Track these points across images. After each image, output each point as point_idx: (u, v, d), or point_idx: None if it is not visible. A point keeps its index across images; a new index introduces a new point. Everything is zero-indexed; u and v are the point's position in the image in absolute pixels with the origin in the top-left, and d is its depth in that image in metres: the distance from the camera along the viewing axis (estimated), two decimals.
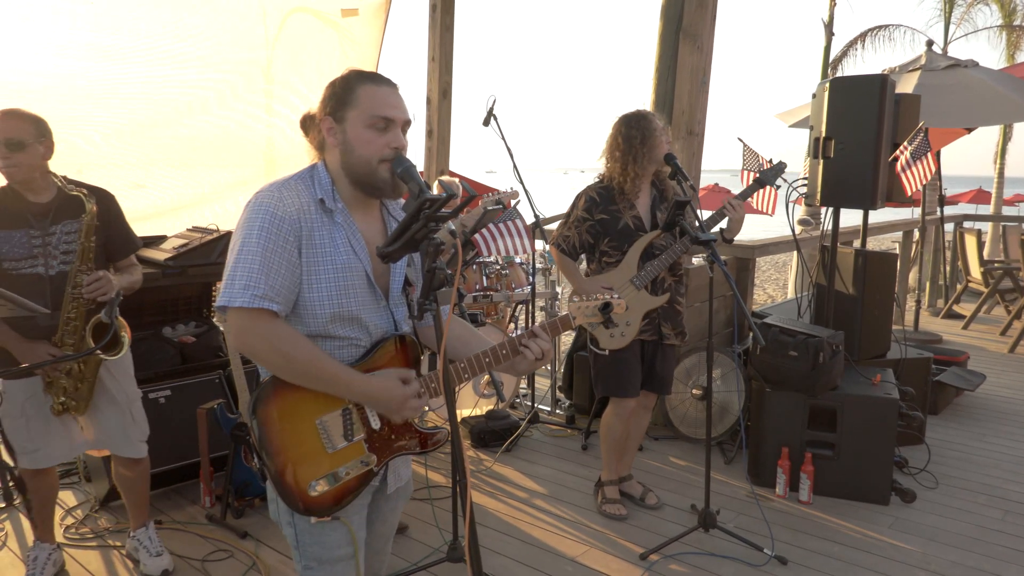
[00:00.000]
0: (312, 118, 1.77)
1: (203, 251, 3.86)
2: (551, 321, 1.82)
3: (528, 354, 1.75)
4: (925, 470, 4.03)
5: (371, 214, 1.78)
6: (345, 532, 1.73)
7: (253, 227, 1.60)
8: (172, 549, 3.08)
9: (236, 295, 1.57)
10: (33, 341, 2.63)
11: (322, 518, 1.68)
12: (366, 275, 1.71)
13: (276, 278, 1.59)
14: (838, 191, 4.03)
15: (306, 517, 1.68)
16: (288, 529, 1.73)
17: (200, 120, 4.65)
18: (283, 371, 1.63)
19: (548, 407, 5.04)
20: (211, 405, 3.45)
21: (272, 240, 1.59)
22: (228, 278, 1.59)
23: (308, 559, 1.73)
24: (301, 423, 1.64)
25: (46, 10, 3.89)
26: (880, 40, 17.40)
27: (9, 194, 2.66)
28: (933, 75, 6.76)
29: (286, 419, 1.64)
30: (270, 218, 1.59)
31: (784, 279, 15.11)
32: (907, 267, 8.12)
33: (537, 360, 1.75)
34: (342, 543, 1.73)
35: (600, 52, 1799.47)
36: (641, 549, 3.20)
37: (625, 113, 3.33)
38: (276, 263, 1.59)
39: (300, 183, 1.68)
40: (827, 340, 3.70)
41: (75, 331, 2.67)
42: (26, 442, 2.73)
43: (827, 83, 4.04)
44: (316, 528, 1.70)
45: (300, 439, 1.64)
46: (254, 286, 1.57)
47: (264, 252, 1.58)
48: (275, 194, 1.63)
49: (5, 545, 3.18)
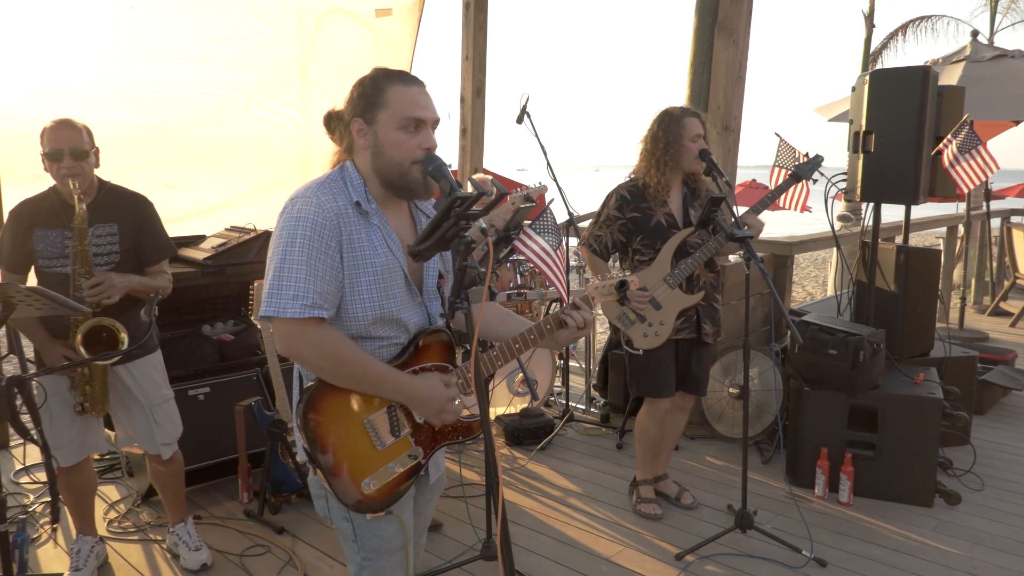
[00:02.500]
0: (338, 116, 1.76)
1: (241, 250, 3.93)
2: (573, 300, 1.86)
3: (571, 322, 1.80)
4: (971, 471, 3.92)
5: (401, 212, 1.80)
6: (398, 523, 1.77)
7: (295, 235, 1.60)
8: (211, 544, 3.13)
9: (286, 305, 1.58)
10: (54, 340, 2.71)
11: (377, 513, 1.72)
12: (403, 274, 1.73)
13: (323, 284, 1.61)
14: (879, 186, 3.94)
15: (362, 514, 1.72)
16: (344, 524, 1.76)
17: (236, 121, 4.73)
18: (331, 375, 1.66)
19: (583, 406, 5.02)
20: (249, 402, 3.50)
21: (315, 247, 1.60)
22: (273, 287, 1.59)
23: (367, 551, 1.77)
24: (350, 424, 1.68)
25: (89, 15, 3.99)
26: (922, 31, 17.00)
27: (51, 196, 2.74)
28: (978, 66, 6.57)
29: (335, 421, 1.67)
30: (311, 225, 1.60)
31: (824, 276, 14.83)
32: (951, 263, 7.91)
33: (580, 329, 1.81)
34: (397, 533, 1.78)
35: (634, 48, 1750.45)
36: (677, 549, 3.16)
37: (665, 109, 3.27)
38: (321, 270, 1.61)
39: (333, 185, 1.68)
40: (868, 338, 3.62)
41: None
42: (49, 439, 2.73)
43: (867, 76, 3.95)
44: (373, 521, 1.74)
45: (350, 439, 1.68)
46: (303, 296, 1.58)
47: (309, 260, 1.59)
48: (312, 200, 1.63)
49: (51, 538, 3.27)
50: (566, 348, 5.15)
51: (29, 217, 2.71)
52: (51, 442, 2.76)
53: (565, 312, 1.80)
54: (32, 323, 2.68)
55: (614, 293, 1.88)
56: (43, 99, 3.93)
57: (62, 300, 2.17)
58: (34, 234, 2.69)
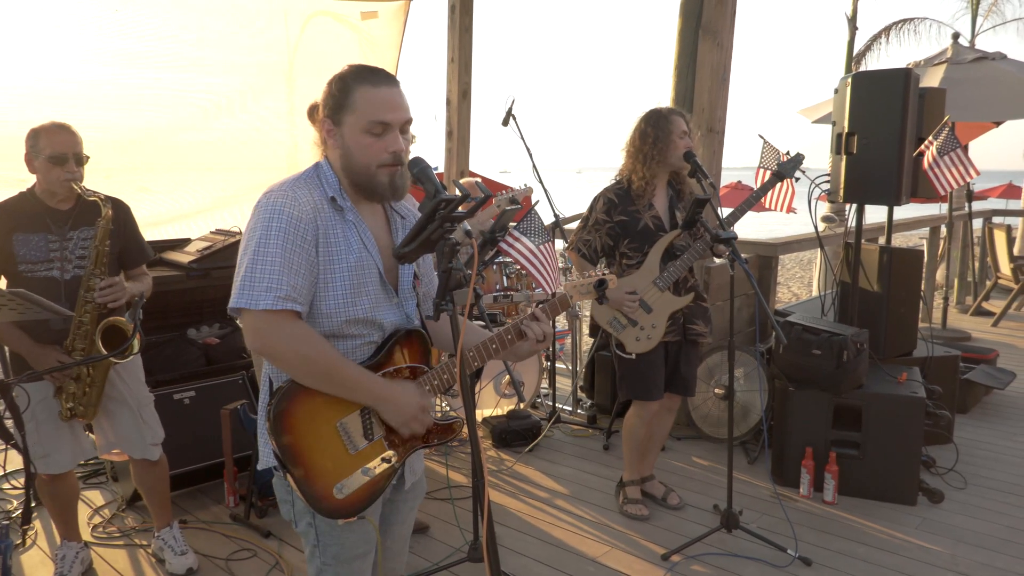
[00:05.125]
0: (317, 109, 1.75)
1: (226, 254, 3.91)
2: (551, 302, 1.85)
3: (530, 334, 1.77)
4: (953, 470, 3.96)
5: (375, 211, 1.79)
6: (365, 531, 1.74)
7: (271, 227, 1.58)
8: (197, 548, 3.12)
9: (259, 297, 1.55)
10: (44, 345, 2.67)
11: (349, 519, 1.67)
12: (379, 272, 1.72)
13: (297, 278, 1.58)
14: (862, 187, 3.98)
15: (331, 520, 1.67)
16: (307, 528, 1.72)
17: (223, 124, 4.70)
18: (301, 373, 1.61)
19: (569, 407, 5.03)
20: (235, 406, 3.49)
21: (291, 240, 1.58)
22: (246, 279, 1.57)
23: (327, 557, 1.73)
24: (321, 427, 1.63)
25: (76, 18, 3.96)
26: (905, 34, 17.15)
27: (30, 199, 2.71)
28: (960, 68, 6.64)
29: (306, 424, 1.62)
30: (287, 218, 1.58)
31: (809, 277, 14.94)
32: (934, 264, 7.99)
33: (538, 343, 1.78)
34: (360, 542, 1.74)
35: (617, 51, 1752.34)
36: (663, 550, 3.18)
37: (652, 108, 3.29)
38: (296, 263, 1.58)
39: (309, 182, 1.68)
40: (851, 338, 3.65)
41: (86, 335, 2.70)
42: (36, 446, 2.73)
43: (849, 78, 3.99)
44: (337, 528, 1.70)
45: (322, 443, 1.63)
46: (276, 288, 1.55)
47: (284, 252, 1.57)
48: (289, 193, 1.62)
49: (35, 544, 3.24)
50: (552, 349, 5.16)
51: (8, 221, 2.66)
52: (39, 450, 2.74)
53: (524, 323, 1.76)
54: (14, 332, 2.65)
55: (592, 292, 1.84)
56: (27, 101, 3.90)
57: (46, 304, 2.15)
58: (14, 239, 2.65)
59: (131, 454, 2.94)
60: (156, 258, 3.97)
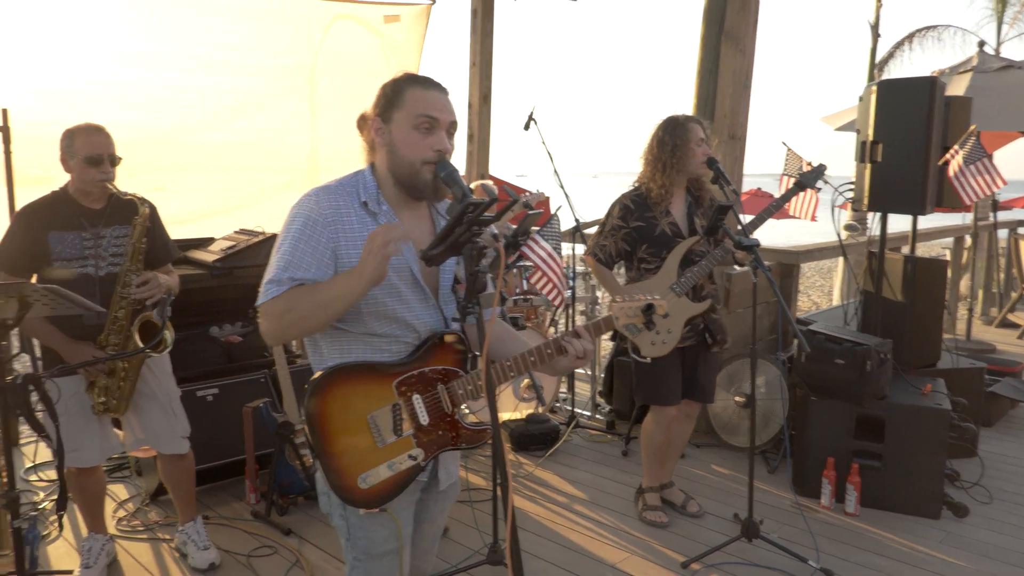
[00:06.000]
0: (365, 118, 1.82)
1: (249, 253, 3.95)
2: (595, 322, 1.85)
3: (570, 350, 1.77)
4: (978, 484, 3.91)
5: (419, 214, 1.82)
6: (393, 528, 1.77)
7: (290, 231, 1.69)
8: (218, 544, 3.15)
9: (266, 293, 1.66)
10: (77, 341, 2.72)
11: (371, 509, 1.72)
12: (412, 273, 1.75)
13: (302, 273, 1.65)
14: (886, 196, 3.95)
15: (356, 509, 1.73)
16: (340, 521, 1.78)
17: (246, 124, 4.77)
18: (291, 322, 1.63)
19: (588, 412, 5.03)
20: (257, 404, 3.52)
21: (304, 240, 1.66)
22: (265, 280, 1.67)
23: (357, 552, 1.78)
24: (352, 418, 1.69)
25: (104, 20, 4.03)
26: (929, 41, 16.98)
27: (63, 198, 2.76)
28: (985, 76, 6.58)
29: (338, 414, 1.69)
30: (304, 220, 1.68)
31: (829, 286, 14.81)
32: (959, 274, 7.90)
33: (578, 359, 1.78)
34: (389, 538, 1.78)
35: (635, 56, 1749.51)
36: (682, 557, 3.16)
37: (669, 116, 3.30)
38: (306, 262, 1.65)
39: (341, 188, 1.74)
40: (875, 348, 3.62)
41: (121, 330, 2.75)
42: (66, 440, 2.74)
43: (874, 86, 3.97)
44: (366, 522, 1.75)
45: (352, 433, 1.69)
46: (279, 281, 1.64)
47: (293, 251, 1.66)
48: (312, 199, 1.71)
49: (61, 535, 3.28)
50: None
51: (43, 219, 2.71)
52: (70, 443, 2.78)
53: (566, 339, 1.78)
54: (47, 328, 2.69)
55: (640, 316, 1.81)
56: (57, 102, 3.97)
57: (77, 300, 2.19)
58: (49, 237, 2.69)
59: (160, 449, 2.98)
60: (181, 257, 4.02)
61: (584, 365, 1.92)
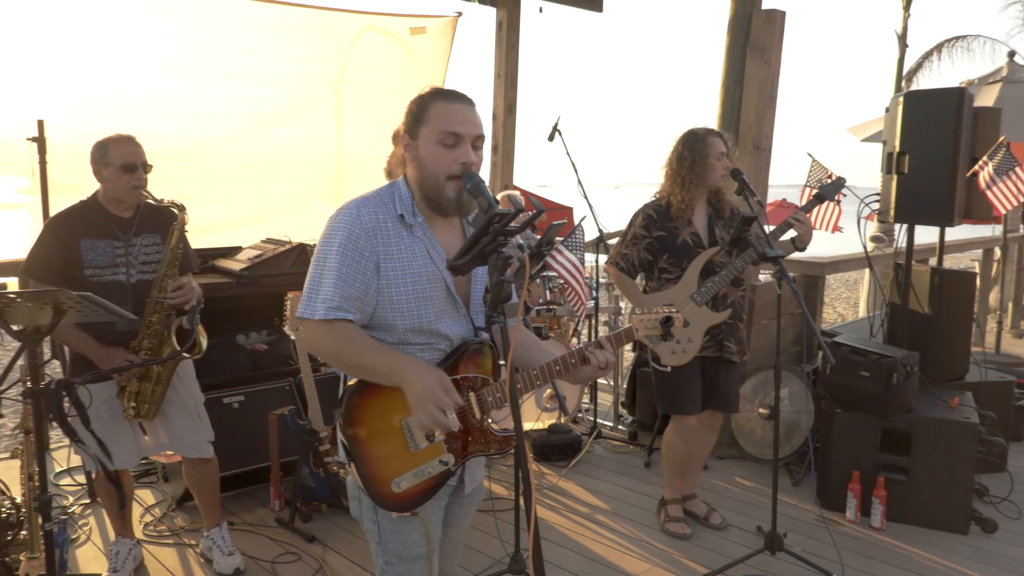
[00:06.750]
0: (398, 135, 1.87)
1: (275, 262, 4.00)
2: (616, 333, 1.87)
3: (593, 361, 1.80)
4: (1007, 499, 3.84)
5: (452, 226, 1.86)
6: (423, 531, 1.80)
7: (333, 243, 1.71)
8: (243, 550, 3.18)
9: (316, 308, 1.70)
10: (110, 347, 2.77)
11: (403, 513, 1.76)
12: (445, 284, 1.78)
13: (351, 289, 1.69)
14: (913, 207, 3.91)
15: (388, 513, 1.76)
16: (371, 525, 1.81)
17: (273, 135, 4.84)
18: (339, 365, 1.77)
19: (610, 423, 5.02)
20: (282, 411, 3.56)
21: (348, 254, 1.69)
22: (308, 292, 1.72)
23: (389, 555, 1.81)
24: (387, 423, 1.74)
25: (136, 31, 4.13)
26: (957, 51, 16.75)
27: (94, 207, 2.82)
28: (1016, 87, 6.50)
29: (375, 419, 1.73)
30: (347, 234, 1.70)
31: (855, 298, 14.62)
32: (987, 286, 7.77)
33: (600, 369, 1.81)
34: (420, 542, 1.81)
35: (662, 66, 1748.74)
36: (705, 569, 3.14)
37: (689, 130, 3.31)
38: (352, 276, 1.69)
39: (379, 200, 1.77)
40: (901, 361, 3.58)
41: (155, 335, 2.81)
42: None
43: (901, 97, 3.94)
44: (398, 526, 1.78)
45: (386, 438, 1.74)
46: (330, 299, 1.68)
47: (340, 266, 1.69)
48: (353, 211, 1.73)
49: (89, 539, 3.34)
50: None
51: (75, 227, 2.76)
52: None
53: (589, 349, 1.81)
54: (79, 335, 2.74)
55: (659, 328, 1.85)
56: (91, 113, 4.07)
57: (110, 307, 2.24)
58: (82, 244, 2.75)
59: (185, 453, 3.02)
60: (208, 265, 4.09)
61: (605, 375, 1.93)
